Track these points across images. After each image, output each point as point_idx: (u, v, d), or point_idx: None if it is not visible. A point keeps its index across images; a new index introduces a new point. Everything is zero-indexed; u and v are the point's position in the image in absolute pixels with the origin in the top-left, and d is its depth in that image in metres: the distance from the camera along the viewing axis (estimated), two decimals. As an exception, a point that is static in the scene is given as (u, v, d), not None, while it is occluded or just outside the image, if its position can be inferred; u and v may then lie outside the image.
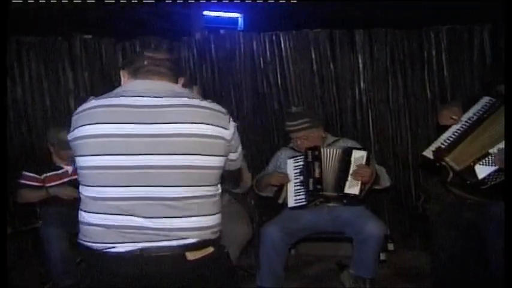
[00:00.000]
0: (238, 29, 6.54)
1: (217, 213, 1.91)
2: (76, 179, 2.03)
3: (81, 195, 1.88)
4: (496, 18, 4.24)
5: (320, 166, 3.69)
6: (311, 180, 3.68)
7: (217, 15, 6.49)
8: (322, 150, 3.73)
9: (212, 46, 4.61)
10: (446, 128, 2.96)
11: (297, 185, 3.76)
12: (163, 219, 1.78)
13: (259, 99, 4.62)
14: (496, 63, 4.18)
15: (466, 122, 2.86)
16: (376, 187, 3.81)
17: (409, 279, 4.12)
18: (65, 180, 3.87)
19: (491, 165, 2.67)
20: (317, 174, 3.68)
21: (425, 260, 4.07)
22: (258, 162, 4.43)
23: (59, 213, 3.67)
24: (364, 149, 3.79)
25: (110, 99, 1.86)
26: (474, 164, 2.72)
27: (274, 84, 4.55)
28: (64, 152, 3.71)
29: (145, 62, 1.92)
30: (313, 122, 3.86)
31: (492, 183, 2.66)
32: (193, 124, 1.80)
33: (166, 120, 1.79)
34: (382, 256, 3.91)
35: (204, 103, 1.87)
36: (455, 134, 2.87)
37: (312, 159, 3.71)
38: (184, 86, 2.04)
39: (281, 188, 3.84)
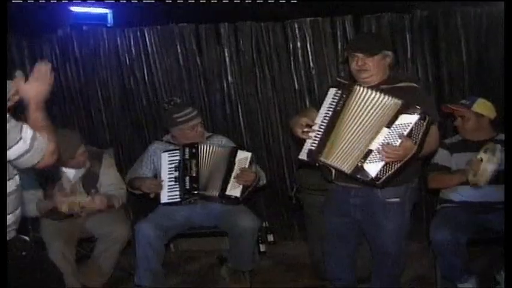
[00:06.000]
0: (108, 25, 6.32)
1: None
2: None
3: None
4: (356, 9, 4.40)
5: (197, 164, 3.66)
6: (187, 178, 3.64)
7: (86, 11, 6.22)
8: (200, 147, 3.68)
9: (75, 43, 4.43)
10: None
11: (171, 181, 3.70)
12: None
13: (127, 96, 4.50)
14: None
15: (324, 118, 2.87)
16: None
17: (290, 269, 4.20)
18: None
19: (378, 161, 2.70)
20: (194, 173, 3.65)
21: (305, 249, 4.18)
22: (130, 160, 4.31)
23: None
24: (247, 150, 3.77)
25: None
26: (362, 164, 2.74)
27: (142, 81, 4.44)
28: None
29: None
30: (197, 112, 3.81)
31: (385, 176, 2.69)
32: None
33: None
34: (262, 248, 3.98)
35: None
36: (319, 133, 2.87)
37: (189, 156, 3.66)
38: None
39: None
